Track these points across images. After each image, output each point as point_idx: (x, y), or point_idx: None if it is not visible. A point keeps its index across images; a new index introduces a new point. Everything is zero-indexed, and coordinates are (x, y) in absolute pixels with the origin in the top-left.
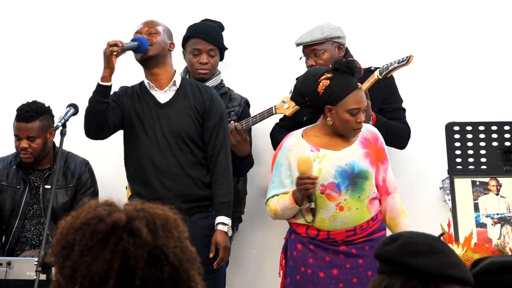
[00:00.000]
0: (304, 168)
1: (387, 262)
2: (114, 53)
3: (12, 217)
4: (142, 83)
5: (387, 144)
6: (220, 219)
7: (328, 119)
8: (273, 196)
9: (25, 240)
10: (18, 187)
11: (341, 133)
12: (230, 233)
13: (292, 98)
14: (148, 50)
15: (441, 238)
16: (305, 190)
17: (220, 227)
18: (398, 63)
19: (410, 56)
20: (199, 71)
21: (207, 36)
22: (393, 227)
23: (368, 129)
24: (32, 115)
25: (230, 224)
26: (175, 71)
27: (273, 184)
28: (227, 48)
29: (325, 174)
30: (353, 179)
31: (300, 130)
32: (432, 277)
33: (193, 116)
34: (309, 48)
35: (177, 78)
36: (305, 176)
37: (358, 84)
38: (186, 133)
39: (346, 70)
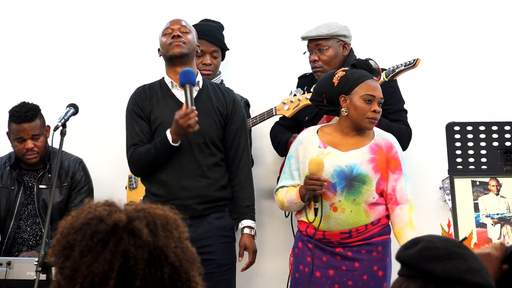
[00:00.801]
0: (315, 168)
1: (407, 266)
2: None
3: (7, 218)
4: (162, 80)
5: None
6: (245, 222)
7: (342, 109)
8: (282, 187)
9: (22, 241)
10: (13, 187)
11: (356, 125)
12: (256, 236)
13: (311, 99)
14: (181, 48)
15: (463, 243)
16: (312, 191)
17: (246, 230)
18: (405, 66)
19: (417, 59)
20: (202, 72)
21: (210, 37)
22: (399, 238)
23: (384, 137)
24: (33, 114)
25: (255, 227)
26: (197, 72)
27: (283, 175)
28: (228, 49)
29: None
30: (350, 181)
31: (318, 126)
32: (449, 282)
33: (215, 118)
34: (314, 43)
35: (200, 79)
36: (315, 177)
37: (375, 78)
38: (208, 135)
39: (364, 67)
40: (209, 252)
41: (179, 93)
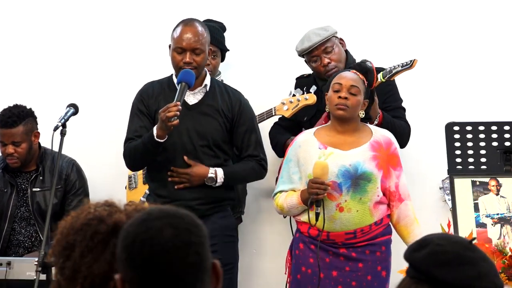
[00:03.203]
0: (320, 172)
1: (415, 269)
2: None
3: (1, 220)
4: (170, 79)
5: None
6: (218, 170)
7: (326, 108)
8: (280, 192)
9: (17, 243)
10: (6, 190)
11: (335, 118)
12: (213, 182)
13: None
14: (194, 75)
15: (473, 243)
16: (316, 195)
17: (213, 170)
18: (402, 66)
19: (414, 60)
20: None
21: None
22: (406, 235)
23: (383, 134)
24: (15, 120)
25: (218, 179)
26: (206, 72)
27: (281, 179)
28: (228, 50)
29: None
30: (355, 180)
31: (314, 128)
32: None
33: (220, 121)
34: (320, 48)
35: (207, 81)
36: (319, 181)
37: (352, 70)
38: (213, 137)
39: (356, 67)
40: (213, 251)
41: (186, 95)
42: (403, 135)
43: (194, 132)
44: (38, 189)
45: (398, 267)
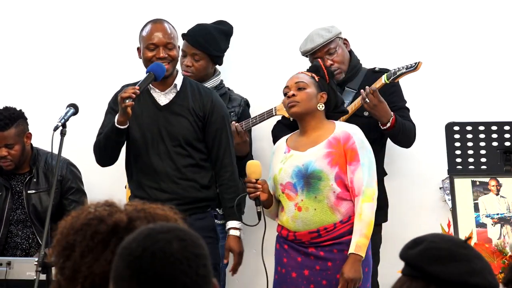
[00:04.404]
0: (248, 171)
1: (409, 266)
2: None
3: None
4: None
5: (397, 143)
6: (230, 224)
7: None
8: None
9: (15, 245)
10: (0, 193)
11: (293, 118)
12: (242, 236)
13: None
14: (166, 71)
15: (468, 242)
16: (249, 194)
17: (231, 232)
18: (406, 69)
19: (418, 62)
20: (183, 73)
21: (191, 39)
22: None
23: (343, 129)
24: (6, 122)
25: (241, 228)
26: (177, 72)
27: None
28: (222, 54)
29: (283, 174)
30: (306, 179)
31: (291, 133)
32: (451, 284)
33: (191, 120)
34: (323, 50)
35: (178, 81)
36: (247, 179)
37: (299, 71)
38: (184, 137)
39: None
40: None
41: (157, 95)
42: (411, 135)
43: (166, 133)
44: (33, 191)
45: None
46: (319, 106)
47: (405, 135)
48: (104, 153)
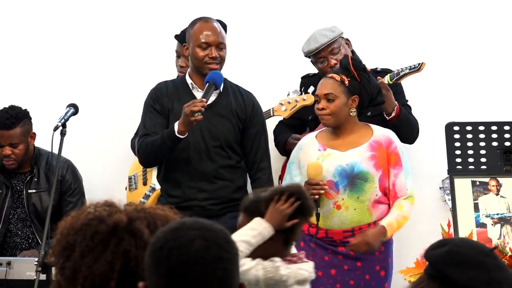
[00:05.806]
0: (313, 173)
1: (431, 266)
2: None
3: None
4: (184, 80)
5: (401, 137)
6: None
7: None
8: None
9: (14, 244)
10: (0, 191)
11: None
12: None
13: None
14: (222, 77)
15: (494, 251)
16: (312, 195)
17: None
18: (410, 69)
19: (422, 63)
20: (178, 73)
21: (185, 40)
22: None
23: (383, 133)
24: (13, 121)
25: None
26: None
27: (284, 181)
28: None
29: (324, 172)
30: (352, 179)
31: (318, 131)
32: None
33: (233, 122)
34: (327, 50)
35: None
36: (314, 181)
37: (329, 75)
38: (225, 138)
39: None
40: None
41: (199, 95)
42: (414, 130)
43: (208, 133)
44: (33, 191)
45: (399, 267)
46: (351, 112)
47: (408, 128)
48: (154, 157)
